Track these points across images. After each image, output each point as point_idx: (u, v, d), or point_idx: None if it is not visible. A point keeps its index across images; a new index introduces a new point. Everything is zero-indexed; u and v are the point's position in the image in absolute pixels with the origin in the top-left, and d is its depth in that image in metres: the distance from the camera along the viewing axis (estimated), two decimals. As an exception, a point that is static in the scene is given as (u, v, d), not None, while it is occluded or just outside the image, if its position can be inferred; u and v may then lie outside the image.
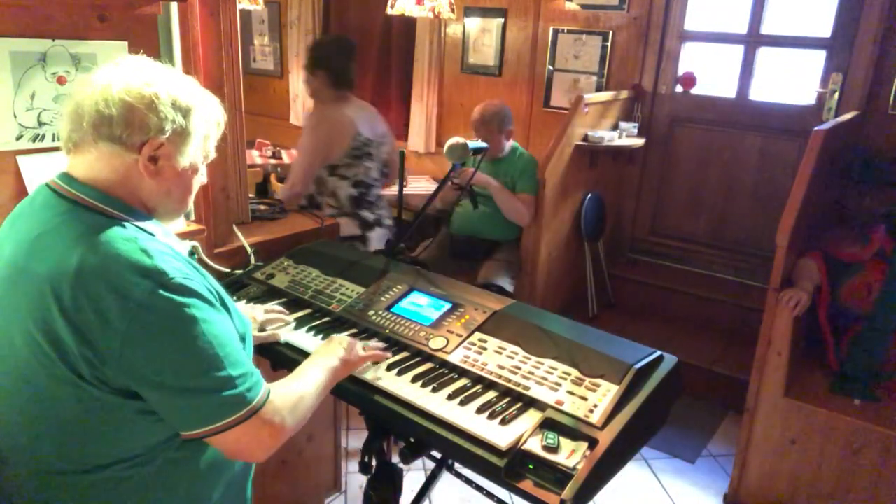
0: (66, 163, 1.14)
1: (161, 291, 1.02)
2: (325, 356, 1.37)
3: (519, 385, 1.39)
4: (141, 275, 1.02)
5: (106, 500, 1.12)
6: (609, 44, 4.00)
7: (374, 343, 1.54)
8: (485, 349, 1.50)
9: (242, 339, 1.20)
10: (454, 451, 1.30)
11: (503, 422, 1.30)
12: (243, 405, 1.08)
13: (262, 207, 2.27)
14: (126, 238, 1.06)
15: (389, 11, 3.63)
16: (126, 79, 1.09)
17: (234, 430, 1.07)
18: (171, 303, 1.03)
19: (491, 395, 1.40)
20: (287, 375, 1.28)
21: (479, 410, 1.34)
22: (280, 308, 1.72)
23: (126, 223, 1.10)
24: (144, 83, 1.09)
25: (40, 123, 1.67)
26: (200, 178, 1.22)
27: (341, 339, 1.45)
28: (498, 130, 3.25)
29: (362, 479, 1.67)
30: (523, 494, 1.20)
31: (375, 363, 1.49)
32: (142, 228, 1.11)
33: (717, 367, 3.36)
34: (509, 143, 3.34)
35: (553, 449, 1.22)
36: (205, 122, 1.16)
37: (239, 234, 2.00)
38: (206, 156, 1.21)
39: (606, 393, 1.33)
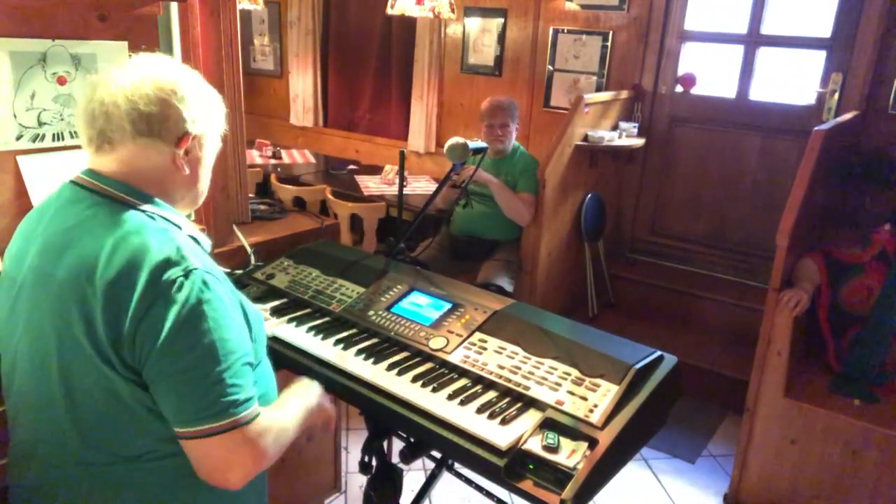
0: (90, 160, 1.17)
1: (184, 281, 1.04)
2: (305, 394, 1.34)
3: (519, 385, 1.39)
4: (169, 265, 1.05)
5: (134, 492, 1.12)
6: (609, 44, 4.00)
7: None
8: (485, 349, 1.50)
9: (255, 340, 1.20)
10: (454, 451, 1.30)
11: (503, 422, 1.30)
12: (228, 414, 1.05)
13: (262, 207, 2.27)
14: (156, 230, 1.09)
15: (389, 11, 3.63)
16: (154, 76, 1.12)
17: (212, 438, 1.04)
18: (190, 293, 1.04)
19: (491, 395, 1.40)
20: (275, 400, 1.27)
21: (480, 410, 1.34)
22: (261, 307, 1.73)
23: (154, 215, 1.13)
24: (174, 80, 1.13)
25: (40, 123, 1.67)
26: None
27: (314, 385, 1.40)
28: (512, 119, 3.29)
29: (362, 479, 1.67)
30: (523, 494, 1.20)
31: (374, 364, 1.49)
32: (170, 220, 1.15)
33: (717, 367, 3.37)
34: (513, 139, 3.35)
35: (553, 449, 1.22)
36: (220, 114, 1.23)
37: (239, 234, 2.00)
38: (219, 146, 1.27)
39: (606, 393, 1.33)
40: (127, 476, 1.11)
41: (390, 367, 1.48)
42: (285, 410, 1.24)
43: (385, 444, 1.64)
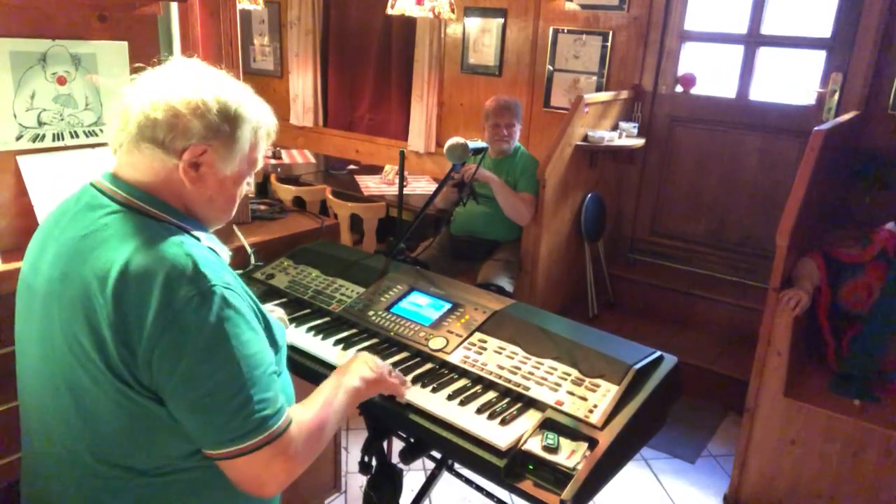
0: (114, 163, 1.13)
1: (202, 301, 1.00)
2: (347, 375, 1.29)
3: (519, 385, 1.39)
4: (184, 281, 1.00)
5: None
6: (609, 44, 4.01)
7: (398, 374, 1.43)
8: (485, 349, 1.50)
9: (278, 349, 1.17)
10: (454, 451, 1.30)
11: (503, 422, 1.30)
12: (260, 431, 1.03)
13: (262, 207, 2.27)
14: (173, 242, 1.04)
15: (389, 11, 3.63)
16: (175, 83, 1.07)
17: (245, 457, 1.03)
18: (209, 314, 1.00)
19: (491, 395, 1.40)
20: (307, 396, 1.22)
21: (479, 410, 1.34)
22: (280, 310, 1.72)
23: (173, 227, 1.08)
24: (193, 89, 1.07)
25: (40, 123, 1.67)
26: (245, 187, 1.20)
27: (367, 360, 1.36)
28: (518, 119, 3.30)
29: (362, 479, 1.67)
30: (523, 494, 1.20)
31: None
32: (188, 233, 1.10)
33: (717, 367, 3.37)
34: (517, 139, 3.35)
35: (553, 449, 1.22)
36: (252, 131, 1.14)
37: (239, 234, 1.99)
38: (252, 165, 1.18)
39: (606, 393, 1.33)
40: (137, 490, 1.08)
41: (390, 368, 1.48)
42: (322, 406, 1.19)
43: (385, 444, 1.64)
